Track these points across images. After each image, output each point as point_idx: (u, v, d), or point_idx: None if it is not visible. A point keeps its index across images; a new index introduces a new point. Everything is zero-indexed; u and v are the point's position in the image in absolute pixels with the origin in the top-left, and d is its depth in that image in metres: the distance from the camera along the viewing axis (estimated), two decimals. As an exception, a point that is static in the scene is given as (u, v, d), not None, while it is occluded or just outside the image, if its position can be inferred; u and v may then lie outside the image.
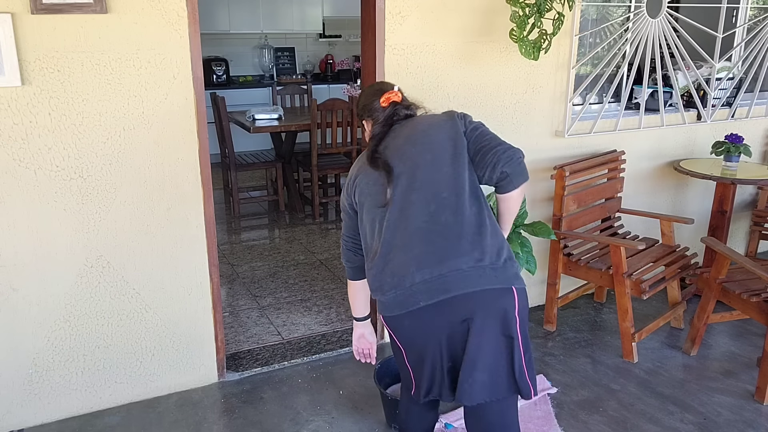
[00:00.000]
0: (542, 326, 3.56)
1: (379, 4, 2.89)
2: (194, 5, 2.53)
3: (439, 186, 1.87)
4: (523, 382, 1.86)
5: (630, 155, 3.76)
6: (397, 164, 1.92)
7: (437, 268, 1.79)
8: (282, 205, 5.79)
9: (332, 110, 5.20)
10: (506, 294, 1.82)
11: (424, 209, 1.85)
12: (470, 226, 1.83)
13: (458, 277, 1.78)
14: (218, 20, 7.36)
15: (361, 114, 2.16)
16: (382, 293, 1.88)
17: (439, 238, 1.82)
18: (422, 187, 1.87)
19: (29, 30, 2.30)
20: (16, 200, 2.43)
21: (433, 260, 1.80)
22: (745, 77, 4.12)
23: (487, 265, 1.80)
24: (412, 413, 2.21)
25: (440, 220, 1.83)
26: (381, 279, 1.88)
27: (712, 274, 3.11)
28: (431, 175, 1.89)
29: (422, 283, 1.79)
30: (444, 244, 1.81)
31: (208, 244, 2.81)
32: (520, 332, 1.85)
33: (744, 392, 2.95)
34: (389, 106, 2.07)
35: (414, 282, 1.80)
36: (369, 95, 2.14)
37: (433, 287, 1.78)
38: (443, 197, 1.85)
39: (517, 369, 1.85)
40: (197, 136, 2.66)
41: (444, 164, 1.89)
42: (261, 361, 3.17)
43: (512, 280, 1.84)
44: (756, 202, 4.38)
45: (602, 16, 4.19)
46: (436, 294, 1.78)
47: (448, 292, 1.78)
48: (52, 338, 2.63)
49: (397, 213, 1.87)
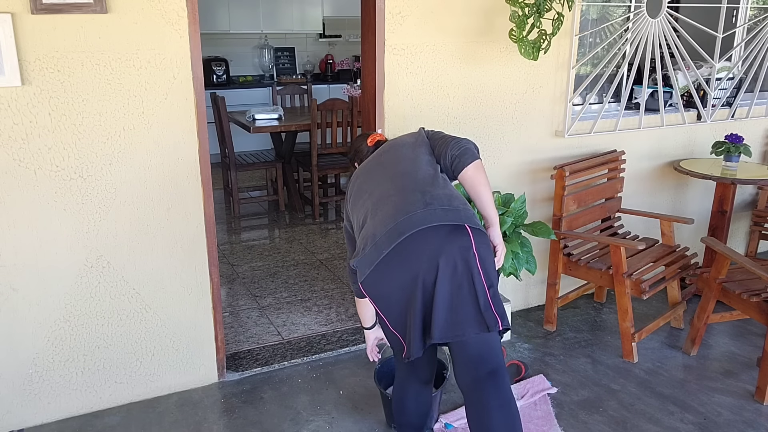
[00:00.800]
0: (542, 326, 3.57)
1: (379, 4, 2.89)
2: (194, 5, 2.53)
3: (401, 167, 2.12)
4: (489, 315, 1.95)
5: (630, 155, 3.77)
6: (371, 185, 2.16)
7: (393, 219, 1.96)
8: (282, 205, 5.80)
9: (332, 110, 5.20)
10: (460, 231, 1.94)
11: (388, 184, 2.08)
12: (422, 182, 2.03)
13: (411, 219, 1.93)
14: (218, 20, 7.36)
15: (353, 158, 2.50)
16: (358, 259, 2.00)
17: (396, 197, 2.01)
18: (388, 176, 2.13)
19: (29, 30, 2.30)
20: (16, 200, 2.43)
21: (391, 215, 1.98)
22: (745, 77, 4.12)
23: (437, 208, 1.96)
24: (408, 393, 2.26)
25: (397, 185, 2.05)
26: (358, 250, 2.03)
27: (712, 274, 3.11)
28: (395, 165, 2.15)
29: (383, 235, 1.95)
30: (401, 199, 2.00)
31: (208, 244, 2.81)
32: (480, 267, 1.94)
33: (744, 392, 2.96)
34: (374, 145, 2.42)
35: (377, 239, 1.96)
36: (357, 141, 2.51)
37: (392, 235, 1.93)
38: (401, 171, 2.10)
39: (482, 303, 1.94)
40: (197, 136, 2.66)
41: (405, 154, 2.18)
42: (261, 361, 3.17)
43: (464, 220, 1.96)
44: (756, 202, 4.38)
45: (602, 16, 4.19)
46: (393, 239, 1.92)
47: (402, 234, 1.92)
48: (52, 338, 2.63)
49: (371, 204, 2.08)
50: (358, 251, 2.03)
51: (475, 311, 1.95)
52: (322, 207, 5.80)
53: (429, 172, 2.09)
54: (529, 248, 2.93)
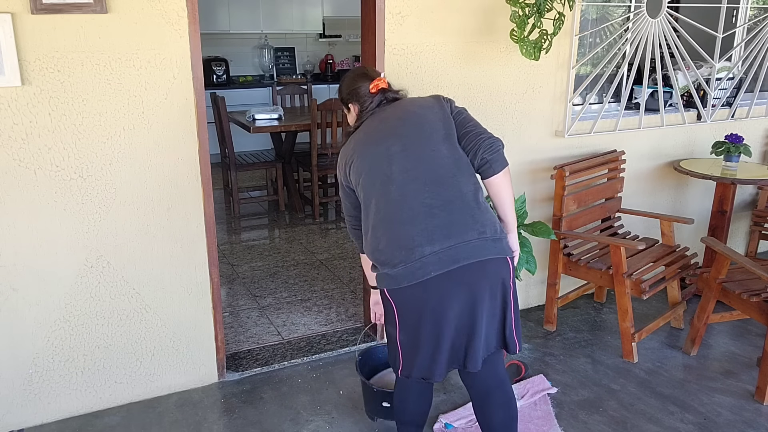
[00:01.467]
0: (542, 326, 3.56)
1: (379, 4, 2.89)
2: (194, 5, 2.53)
3: (437, 164, 1.97)
4: (512, 340, 2.05)
5: (630, 155, 3.77)
6: (393, 143, 2.00)
7: (446, 240, 1.90)
8: (282, 205, 5.79)
9: (332, 110, 5.20)
10: (504, 263, 1.99)
11: (425, 186, 1.95)
12: (470, 201, 1.96)
13: (466, 248, 1.91)
14: (218, 20, 7.36)
15: (348, 98, 2.20)
16: (391, 267, 1.94)
17: (443, 213, 1.93)
18: (420, 165, 1.97)
19: (29, 30, 2.30)
20: (16, 200, 2.43)
21: (441, 234, 1.91)
22: (745, 77, 4.12)
23: (488, 237, 1.95)
24: (411, 392, 2.26)
25: (441, 196, 1.94)
26: (388, 253, 1.95)
27: (712, 274, 3.11)
28: (427, 153, 1.98)
29: (432, 254, 1.89)
30: (449, 218, 1.92)
31: (208, 244, 2.81)
32: (512, 298, 2.02)
33: (744, 392, 2.96)
34: (378, 93, 2.14)
35: (424, 254, 1.89)
36: (355, 79, 2.18)
37: (444, 258, 1.89)
38: (441, 174, 1.96)
39: (508, 330, 2.03)
40: (197, 136, 2.66)
41: (438, 143, 2.00)
42: (261, 361, 3.17)
43: (507, 251, 2.01)
44: (756, 202, 4.38)
45: (602, 16, 4.20)
46: (446, 264, 1.89)
47: (457, 262, 1.89)
48: (52, 338, 2.63)
49: (397, 190, 1.95)
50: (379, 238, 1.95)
51: (499, 338, 2.06)
52: (322, 207, 5.80)
53: (471, 184, 1.99)
54: (529, 248, 2.93)
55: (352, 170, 2.05)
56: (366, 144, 2.06)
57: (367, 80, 2.15)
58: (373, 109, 2.14)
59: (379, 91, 2.14)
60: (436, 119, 2.05)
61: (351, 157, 2.07)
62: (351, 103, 2.20)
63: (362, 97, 2.15)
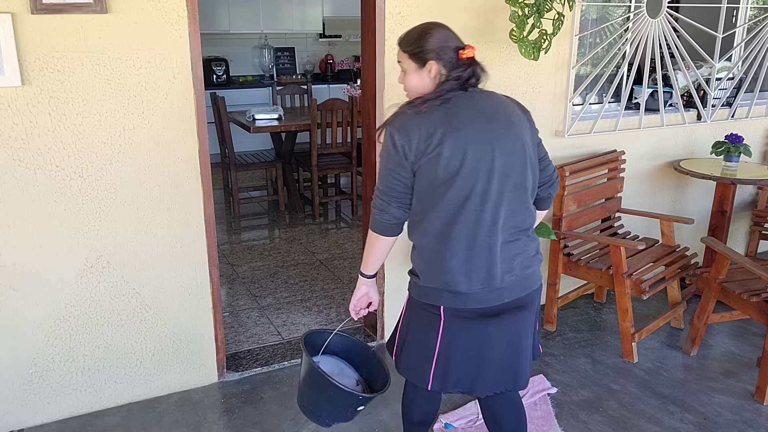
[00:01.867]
0: (542, 326, 3.57)
1: (379, 4, 2.89)
2: (194, 5, 2.53)
3: (524, 194, 1.91)
4: (536, 346, 2.16)
5: (630, 155, 3.77)
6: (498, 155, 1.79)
7: (521, 270, 1.94)
8: (282, 205, 5.79)
9: (332, 110, 5.20)
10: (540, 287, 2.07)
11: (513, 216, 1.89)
12: (530, 232, 2.00)
13: (532, 277, 1.99)
14: (218, 20, 7.35)
15: (432, 54, 1.80)
16: (468, 286, 1.87)
17: (518, 243, 1.94)
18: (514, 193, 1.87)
19: (29, 30, 2.30)
20: (16, 200, 2.43)
21: (518, 264, 1.93)
22: (745, 77, 4.12)
23: (538, 266, 2.03)
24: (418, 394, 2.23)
25: (518, 223, 1.92)
26: (469, 272, 1.85)
27: (712, 274, 3.11)
28: (521, 181, 1.87)
29: (510, 282, 1.93)
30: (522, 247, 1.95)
31: (208, 244, 2.81)
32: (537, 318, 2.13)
33: (744, 392, 2.95)
34: (468, 62, 1.82)
35: (504, 282, 1.91)
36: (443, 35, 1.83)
37: (518, 286, 1.95)
38: (523, 204, 1.92)
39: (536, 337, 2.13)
40: (197, 136, 2.66)
41: (528, 167, 1.88)
42: (261, 361, 3.17)
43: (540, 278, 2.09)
44: (756, 202, 4.38)
45: (602, 16, 4.19)
46: (518, 291, 1.95)
47: (526, 290, 1.97)
48: (52, 338, 2.63)
49: (491, 209, 1.82)
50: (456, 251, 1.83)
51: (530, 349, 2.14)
52: (322, 207, 5.80)
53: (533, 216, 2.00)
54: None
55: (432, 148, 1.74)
56: (467, 132, 1.76)
57: (459, 42, 1.83)
58: (463, 82, 1.81)
59: (471, 60, 1.82)
60: (528, 138, 1.89)
61: (436, 133, 1.74)
62: (433, 61, 1.81)
63: (452, 61, 1.80)
